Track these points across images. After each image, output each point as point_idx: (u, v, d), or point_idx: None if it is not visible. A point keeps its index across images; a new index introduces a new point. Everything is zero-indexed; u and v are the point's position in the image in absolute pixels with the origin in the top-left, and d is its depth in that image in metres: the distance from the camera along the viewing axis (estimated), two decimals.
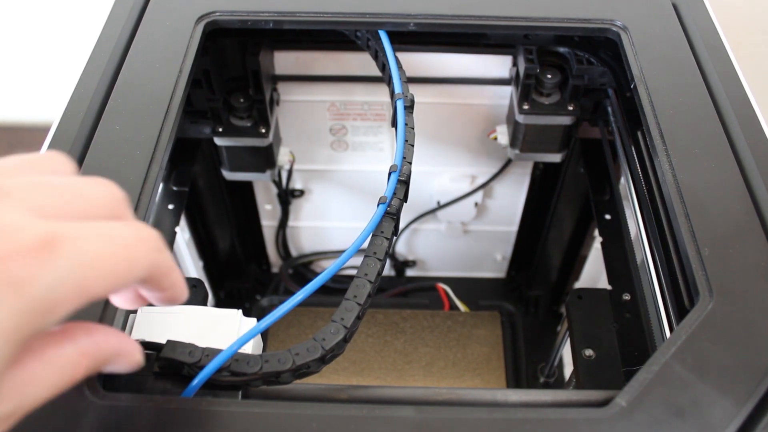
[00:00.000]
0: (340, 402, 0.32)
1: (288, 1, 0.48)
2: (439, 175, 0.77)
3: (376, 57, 0.51)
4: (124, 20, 0.48)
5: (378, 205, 0.39)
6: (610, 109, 0.56)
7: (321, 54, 0.64)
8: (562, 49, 0.57)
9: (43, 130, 0.41)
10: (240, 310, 0.36)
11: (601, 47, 0.54)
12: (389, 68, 0.48)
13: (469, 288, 0.89)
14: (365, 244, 0.38)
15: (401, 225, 0.84)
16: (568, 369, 0.73)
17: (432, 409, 0.29)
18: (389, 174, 0.41)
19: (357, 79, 0.66)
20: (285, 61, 0.64)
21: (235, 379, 0.31)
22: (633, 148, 0.49)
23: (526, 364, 0.79)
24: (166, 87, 0.42)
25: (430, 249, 0.89)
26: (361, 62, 0.65)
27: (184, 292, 0.28)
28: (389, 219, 0.39)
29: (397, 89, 0.46)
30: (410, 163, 0.42)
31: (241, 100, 0.60)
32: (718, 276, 0.33)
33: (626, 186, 0.50)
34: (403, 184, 0.41)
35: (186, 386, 0.31)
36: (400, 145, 0.42)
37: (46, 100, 1.16)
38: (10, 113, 1.20)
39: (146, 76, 0.43)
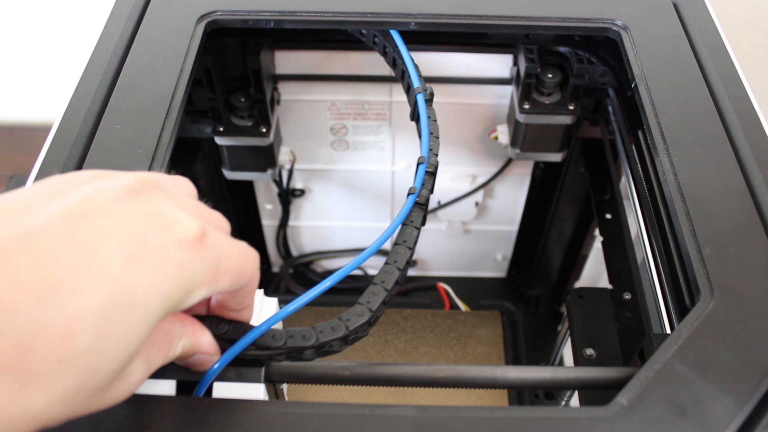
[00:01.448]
0: (344, 380, 0.33)
1: (289, 0, 0.48)
2: (439, 174, 0.77)
3: (384, 53, 0.51)
4: (125, 20, 0.48)
5: (408, 195, 0.39)
6: (610, 108, 0.56)
7: (322, 53, 0.64)
8: (562, 49, 0.57)
9: (44, 130, 0.41)
10: (262, 290, 0.36)
11: (602, 46, 0.54)
12: (404, 63, 0.48)
13: (469, 287, 0.89)
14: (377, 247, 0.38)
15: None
16: None
17: (433, 409, 0.29)
18: (417, 165, 0.41)
19: (358, 79, 0.66)
20: (286, 61, 0.64)
21: (260, 353, 0.31)
22: (634, 148, 0.49)
23: (527, 364, 0.79)
24: (167, 86, 0.42)
25: (431, 248, 0.89)
26: (362, 62, 0.65)
27: (251, 318, 0.32)
28: (418, 209, 0.39)
29: (416, 83, 0.47)
30: (437, 155, 0.42)
31: (242, 99, 0.60)
32: (719, 275, 0.33)
33: (627, 185, 0.50)
34: (431, 175, 0.41)
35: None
36: (426, 137, 0.43)
37: (47, 100, 1.16)
38: (11, 113, 1.20)
39: (147, 76, 0.43)
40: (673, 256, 0.37)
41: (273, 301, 0.36)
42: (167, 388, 0.31)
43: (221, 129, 0.60)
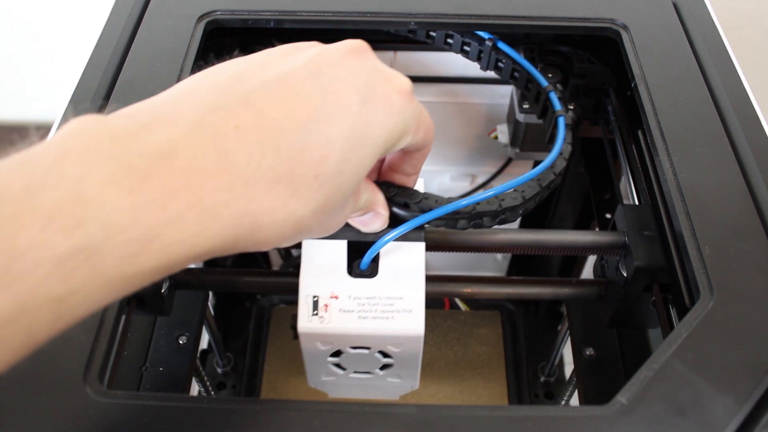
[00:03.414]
0: (485, 246, 0.41)
1: (289, 0, 0.48)
2: (439, 174, 0.77)
3: (463, 50, 0.53)
4: (125, 19, 0.48)
5: (556, 117, 0.45)
6: (610, 108, 0.56)
7: None
8: (562, 48, 0.57)
9: (45, 130, 0.41)
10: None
11: (602, 46, 0.54)
12: (479, 34, 0.51)
13: None
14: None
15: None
16: (569, 368, 0.73)
17: (433, 409, 0.29)
18: (546, 94, 0.47)
19: None
20: None
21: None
22: (633, 147, 0.49)
23: (527, 363, 0.78)
24: (167, 86, 0.42)
25: None
26: None
27: (415, 184, 0.37)
28: (568, 129, 0.44)
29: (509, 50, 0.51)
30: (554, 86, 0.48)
31: None
32: (719, 274, 0.33)
33: (627, 185, 0.50)
34: (561, 100, 0.46)
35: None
36: (535, 72, 0.49)
37: (47, 100, 1.16)
38: (11, 113, 1.20)
39: (147, 76, 0.43)
40: (672, 255, 0.37)
41: (420, 181, 0.39)
42: (339, 247, 0.36)
43: None
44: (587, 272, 0.77)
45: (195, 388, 0.61)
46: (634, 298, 0.41)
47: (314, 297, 0.35)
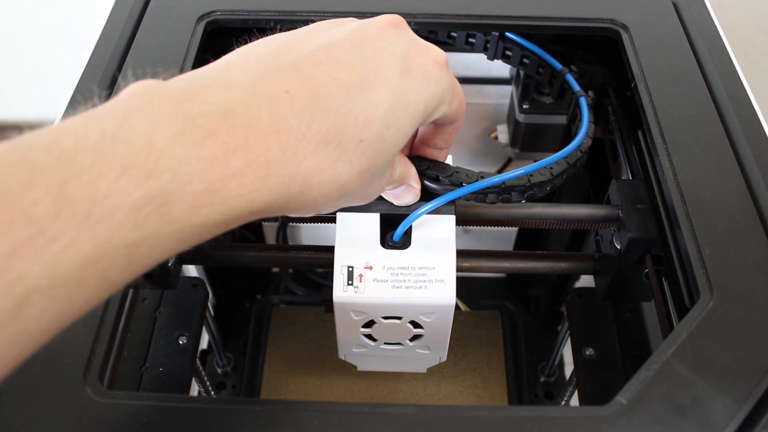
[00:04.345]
0: (511, 220, 0.41)
1: (289, 0, 0.48)
2: None
3: (485, 48, 0.54)
4: (124, 20, 0.48)
5: (579, 98, 0.46)
6: (610, 108, 0.56)
7: None
8: (562, 48, 0.57)
9: None
10: None
11: (602, 46, 0.54)
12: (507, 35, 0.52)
13: (469, 287, 0.89)
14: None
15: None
16: (569, 368, 0.73)
17: (433, 409, 0.29)
18: (563, 76, 0.49)
19: None
20: None
21: (453, 189, 0.37)
22: (633, 147, 0.49)
23: (527, 364, 0.79)
24: None
25: None
26: None
27: (445, 159, 0.38)
28: (590, 109, 0.46)
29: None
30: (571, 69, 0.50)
31: None
32: (719, 275, 0.33)
33: None
34: (578, 82, 0.48)
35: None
36: (553, 60, 0.50)
37: (47, 100, 1.16)
38: (11, 113, 1.20)
39: (147, 76, 0.43)
40: (672, 255, 0.37)
41: (449, 157, 0.39)
42: (373, 220, 0.37)
43: None
44: None
45: (195, 388, 0.61)
46: (628, 270, 0.42)
47: (349, 267, 0.36)
